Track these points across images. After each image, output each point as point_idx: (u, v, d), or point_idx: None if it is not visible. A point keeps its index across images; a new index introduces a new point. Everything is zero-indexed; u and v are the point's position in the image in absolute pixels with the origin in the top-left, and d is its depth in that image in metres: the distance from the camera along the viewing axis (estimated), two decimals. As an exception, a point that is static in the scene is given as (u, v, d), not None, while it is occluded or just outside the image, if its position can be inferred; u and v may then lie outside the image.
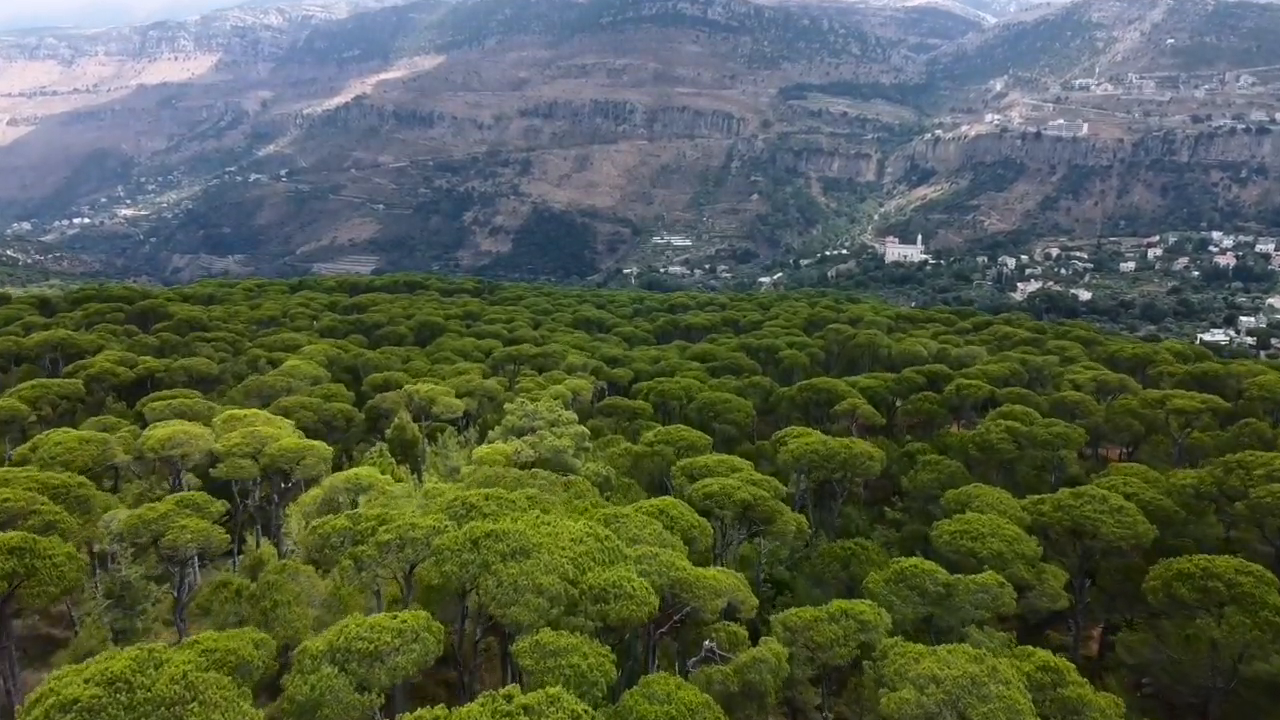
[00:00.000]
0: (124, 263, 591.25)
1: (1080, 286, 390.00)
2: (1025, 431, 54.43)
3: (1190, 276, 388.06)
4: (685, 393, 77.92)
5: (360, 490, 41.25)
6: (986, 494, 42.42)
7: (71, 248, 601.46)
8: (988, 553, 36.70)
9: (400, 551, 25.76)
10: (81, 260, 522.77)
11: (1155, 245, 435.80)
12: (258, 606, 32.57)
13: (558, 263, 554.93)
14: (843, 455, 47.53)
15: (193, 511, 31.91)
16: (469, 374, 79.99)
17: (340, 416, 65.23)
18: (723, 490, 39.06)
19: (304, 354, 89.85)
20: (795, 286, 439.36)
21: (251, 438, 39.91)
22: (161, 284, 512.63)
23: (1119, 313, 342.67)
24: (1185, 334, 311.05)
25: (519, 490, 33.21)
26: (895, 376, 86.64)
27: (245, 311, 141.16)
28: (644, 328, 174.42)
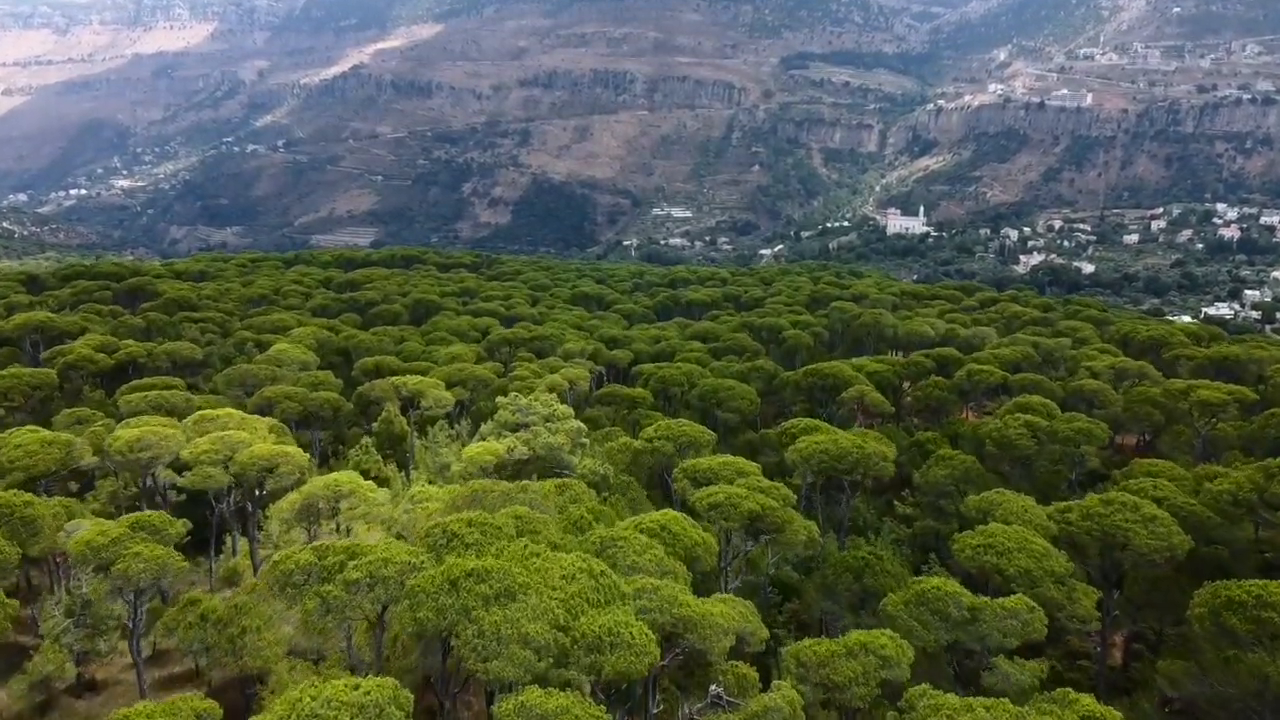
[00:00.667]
0: (121, 234, 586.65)
1: (1083, 259, 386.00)
2: (1045, 426, 51.56)
3: (1194, 249, 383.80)
4: (687, 379, 75.01)
5: (340, 497, 38.43)
6: (1010, 502, 39.58)
7: (68, 219, 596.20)
8: (1014, 570, 33.93)
9: (371, 591, 23.00)
10: (78, 232, 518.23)
11: (1159, 217, 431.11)
12: (224, 633, 29.82)
13: (557, 234, 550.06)
14: (855, 455, 44.68)
15: (149, 535, 29.04)
16: (463, 358, 77.09)
17: (327, 406, 62.33)
18: (729, 500, 36.24)
19: (293, 337, 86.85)
20: (796, 259, 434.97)
21: (221, 443, 37.04)
22: (159, 256, 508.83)
23: (1122, 286, 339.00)
24: (1189, 308, 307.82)
25: (507, 508, 30.36)
26: (903, 361, 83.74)
27: (237, 289, 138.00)
28: (644, 303, 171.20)
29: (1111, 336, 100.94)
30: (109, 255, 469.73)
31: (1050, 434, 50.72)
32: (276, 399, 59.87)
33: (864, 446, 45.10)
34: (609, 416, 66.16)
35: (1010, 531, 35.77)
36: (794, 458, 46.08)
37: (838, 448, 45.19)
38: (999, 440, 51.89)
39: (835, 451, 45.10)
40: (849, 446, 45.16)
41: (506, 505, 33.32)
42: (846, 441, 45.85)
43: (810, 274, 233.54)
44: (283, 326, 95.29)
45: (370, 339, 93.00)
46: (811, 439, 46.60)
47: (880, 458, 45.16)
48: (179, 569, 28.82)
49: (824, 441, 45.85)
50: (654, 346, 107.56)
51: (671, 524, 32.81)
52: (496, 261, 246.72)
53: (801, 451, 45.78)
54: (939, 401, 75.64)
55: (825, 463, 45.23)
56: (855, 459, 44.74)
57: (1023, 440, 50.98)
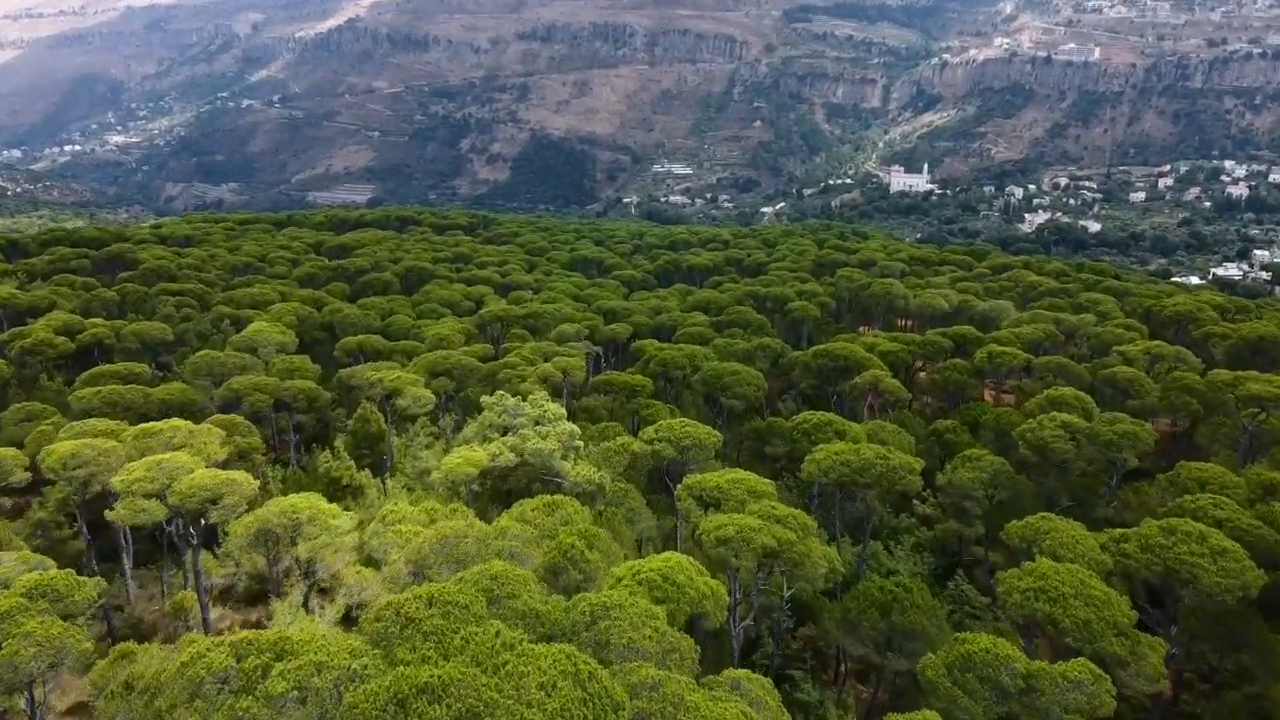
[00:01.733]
0: (116, 191, 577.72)
1: (1089, 218, 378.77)
2: (1085, 428, 46.58)
3: (1201, 208, 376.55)
4: (689, 361, 69.93)
5: (298, 525, 33.61)
6: (1059, 531, 34.73)
7: (62, 176, 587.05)
8: (1071, 622, 29.18)
9: (301, 708, 18.29)
10: (72, 189, 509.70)
11: (1166, 175, 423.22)
12: (151, 708, 24.98)
13: (557, 191, 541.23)
14: (878, 468, 39.77)
15: (50, 604, 24.27)
16: (450, 341, 71.99)
17: (301, 397, 57.37)
18: (741, 534, 31.40)
19: (272, 313, 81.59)
20: (798, 217, 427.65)
21: (159, 470, 32.13)
22: (154, 214, 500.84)
23: (1129, 245, 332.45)
24: (1197, 268, 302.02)
25: (479, 566, 25.47)
26: (919, 340, 78.53)
27: (223, 255, 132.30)
28: (644, 268, 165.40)
29: (1134, 309, 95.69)
30: (103, 212, 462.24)
31: (1091, 436, 45.81)
32: (244, 391, 54.87)
33: (888, 458, 40.15)
34: (606, 406, 61.18)
35: (1064, 572, 30.94)
36: (810, 470, 41.16)
37: (859, 459, 40.24)
38: (1034, 443, 46.95)
39: (857, 464, 40.15)
40: (872, 458, 40.22)
41: (482, 552, 28.53)
42: (869, 451, 40.88)
43: (814, 235, 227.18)
44: (263, 301, 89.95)
45: (356, 314, 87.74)
46: (830, 449, 41.61)
47: (906, 470, 40.24)
48: (81, 651, 24.05)
49: (843, 453, 40.87)
50: (654, 319, 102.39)
51: (675, 572, 27.97)
52: (493, 223, 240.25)
53: (820, 464, 40.84)
54: (958, 385, 70.63)
55: (845, 476, 40.32)
56: (879, 472, 39.84)
57: (1060, 444, 46.04)
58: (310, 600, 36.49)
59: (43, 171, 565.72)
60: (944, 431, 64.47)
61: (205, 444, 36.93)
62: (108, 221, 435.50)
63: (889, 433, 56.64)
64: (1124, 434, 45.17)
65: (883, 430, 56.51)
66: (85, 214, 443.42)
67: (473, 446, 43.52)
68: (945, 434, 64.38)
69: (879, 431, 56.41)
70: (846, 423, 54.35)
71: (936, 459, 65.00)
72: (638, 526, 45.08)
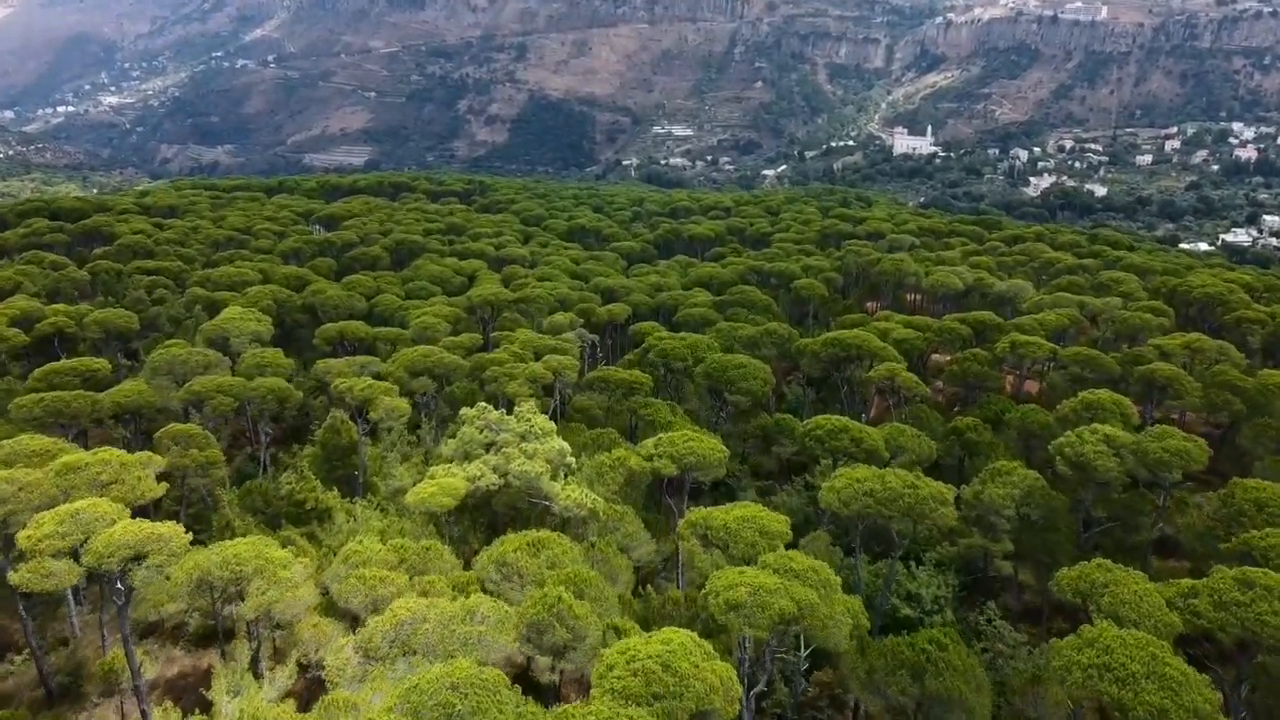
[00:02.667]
0: (110, 153, 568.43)
1: (1095, 181, 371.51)
2: (1130, 444, 41.71)
3: (1209, 171, 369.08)
4: (691, 352, 64.94)
5: (242, 578, 28.92)
6: (1121, 584, 29.95)
7: (56, 137, 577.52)
8: (1145, 711, 24.52)
9: None
10: (65, 152, 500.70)
11: (1173, 137, 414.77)
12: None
13: (556, 153, 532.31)
14: (906, 499, 34.99)
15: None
16: (435, 329, 66.99)
17: (270, 397, 52.48)
18: (755, 599, 26.71)
19: (249, 296, 76.41)
20: (800, 180, 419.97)
21: (73, 522, 27.25)
22: (149, 176, 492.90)
23: (1135, 210, 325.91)
24: (1205, 233, 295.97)
25: (439, 673, 20.66)
26: (935, 326, 73.44)
27: (207, 227, 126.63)
28: (644, 238, 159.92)
29: (1158, 289, 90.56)
30: (96, 175, 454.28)
31: (1138, 452, 40.99)
32: (206, 394, 50.00)
33: (917, 488, 35.35)
34: (601, 406, 56.34)
35: (1132, 645, 26.25)
36: (829, 499, 36.35)
37: (885, 489, 35.42)
38: (1074, 460, 42.09)
39: (882, 494, 35.33)
40: (899, 488, 35.40)
41: (444, 640, 23.84)
42: (895, 479, 36.03)
43: (818, 202, 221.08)
44: (241, 282, 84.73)
45: (339, 295, 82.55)
46: (851, 476, 36.75)
47: (937, 501, 35.46)
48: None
49: (866, 481, 36.03)
50: (654, 298, 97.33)
51: (677, 658, 23.27)
52: (490, 189, 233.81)
53: (840, 493, 36.02)
54: (978, 377, 65.72)
55: (869, 508, 35.53)
56: (907, 504, 35.07)
57: (1103, 460, 41.22)
58: (261, 656, 31.90)
59: (35, 134, 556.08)
60: (965, 430, 59.63)
61: (137, 481, 32.07)
62: (101, 184, 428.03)
63: (908, 437, 51.89)
64: (1175, 451, 40.35)
65: (901, 435, 51.73)
66: (78, 177, 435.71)
67: (451, 469, 38.71)
68: (966, 433, 59.58)
69: (897, 436, 51.66)
70: (862, 428, 49.50)
71: (952, 452, 60.63)
72: (636, 552, 40.50)
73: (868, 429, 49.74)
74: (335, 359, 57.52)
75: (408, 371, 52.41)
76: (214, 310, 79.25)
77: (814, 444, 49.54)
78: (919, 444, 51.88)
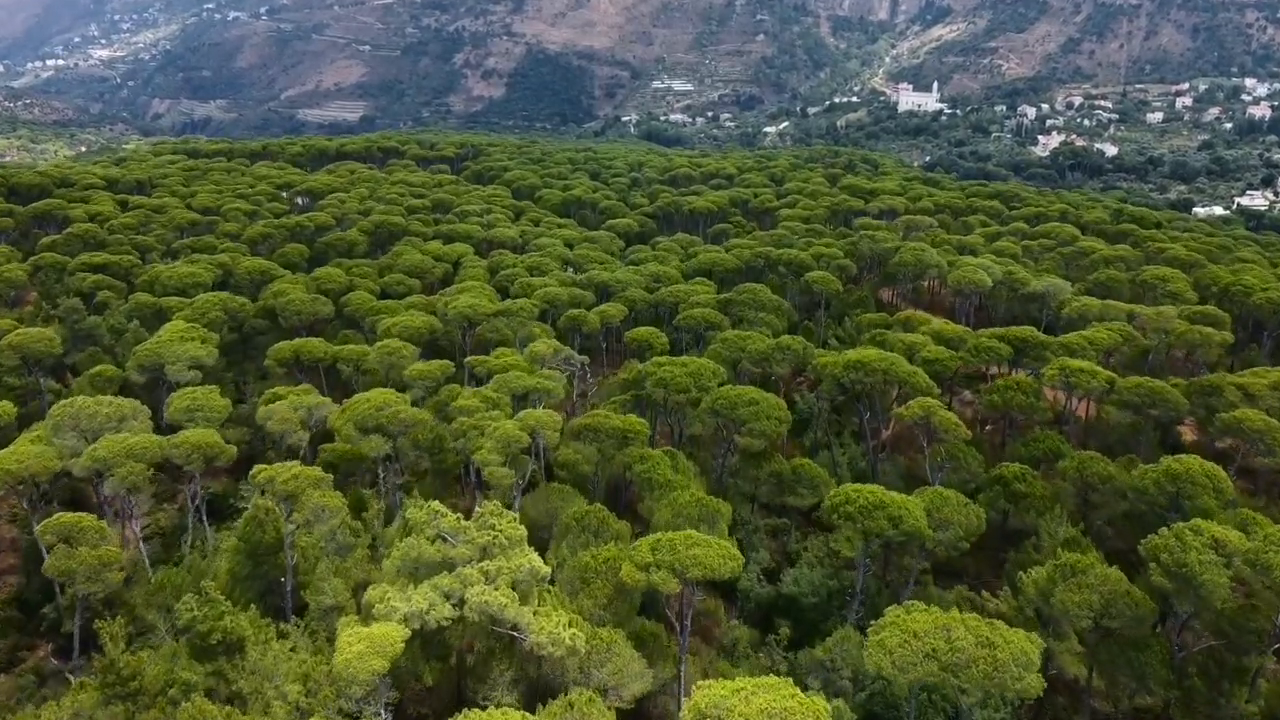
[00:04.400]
0: (101, 108, 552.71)
1: (1105, 140, 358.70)
2: (1246, 553, 32.76)
3: (1222, 129, 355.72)
4: (694, 382, 55.80)
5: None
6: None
7: (46, 91, 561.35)
8: None
9: None
10: (54, 107, 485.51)
11: (1184, 93, 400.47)
12: None
13: (554, 109, 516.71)
14: (982, 666, 26.20)
15: None
16: (400, 353, 57.84)
17: (196, 455, 43.51)
18: None
19: (197, 305, 67.02)
20: (803, 138, 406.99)
21: None
22: (140, 133, 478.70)
23: (1147, 171, 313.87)
24: (1219, 196, 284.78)
25: None
26: (971, 343, 64.19)
27: (173, 205, 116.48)
28: (643, 209, 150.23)
29: (1207, 286, 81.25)
30: (85, 132, 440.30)
31: (1256, 565, 32.11)
32: (114, 460, 41.09)
33: (995, 647, 26.58)
34: (589, 461, 47.38)
35: None
36: (880, 662, 27.50)
37: (952, 649, 26.58)
38: (1174, 569, 33.15)
39: (947, 657, 26.43)
40: (972, 647, 26.60)
41: None
42: (966, 637, 27.13)
43: (824, 169, 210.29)
44: (192, 283, 75.26)
45: (302, 299, 73.17)
46: (905, 627, 27.87)
47: (1021, 665, 26.65)
48: None
49: (927, 636, 27.19)
50: (653, 294, 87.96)
51: None
52: (482, 152, 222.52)
53: (893, 655, 27.20)
54: (1023, 409, 56.71)
55: (932, 675, 26.77)
56: (983, 671, 26.26)
57: (1212, 575, 32.28)
58: None
59: (23, 89, 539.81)
60: (1011, 480, 50.95)
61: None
62: (89, 143, 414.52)
63: (953, 507, 43.21)
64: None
65: (945, 505, 43.04)
66: (65, 134, 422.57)
67: (390, 597, 29.82)
68: (1013, 483, 50.90)
69: (940, 506, 42.96)
70: (901, 503, 40.67)
71: (995, 505, 51.91)
72: (627, 690, 31.95)
73: (907, 503, 40.91)
74: (278, 403, 48.42)
75: (357, 427, 43.45)
76: (160, 319, 70.11)
77: (844, 521, 40.84)
78: (966, 515, 43.20)
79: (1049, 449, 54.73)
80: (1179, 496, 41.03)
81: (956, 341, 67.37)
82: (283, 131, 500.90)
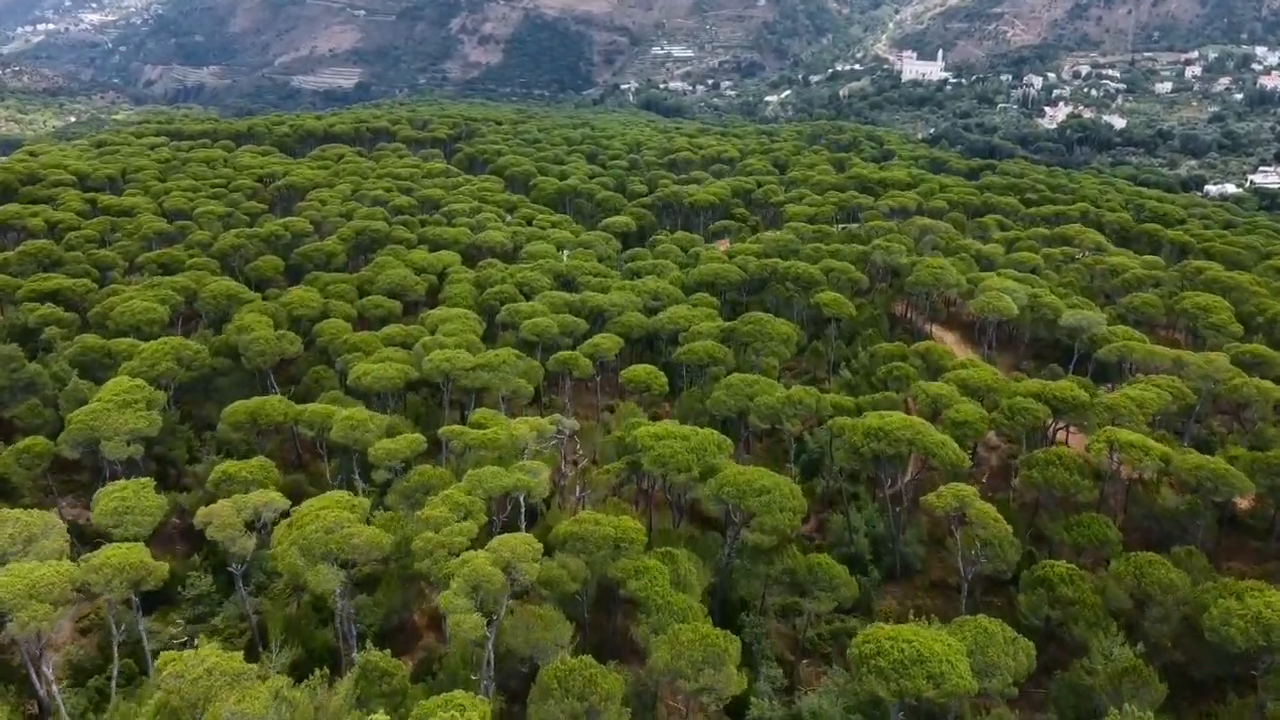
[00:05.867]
0: (93, 74, 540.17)
1: (1112, 111, 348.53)
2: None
3: (1232, 100, 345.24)
4: (697, 459, 49.00)
5: None
6: None
7: (36, 57, 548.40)
8: None
9: None
10: (43, 75, 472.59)
11: (1193, 62, 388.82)
12: None
13: (552, 76, 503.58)
14: None
15: None
16: (364, 426, 51.01)
17: (117, 580, 36.81)
18: None
19: (147, 356, 59.86)
20: (805, 108, 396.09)
21: None
22: (132, 100, 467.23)
23: (1156, 145, 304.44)
24: (1232, 173, 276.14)
25: None
26: (1006, 400, 57.09)
27: (143, 207, 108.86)
28: (642, 198, 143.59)
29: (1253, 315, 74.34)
30: (75, 101, 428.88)
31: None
32: (14, 600, 34.34)
33: None
34: (577, 577, 40.64)
35: None
36: None
37: None
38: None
39: None
40: None
41: None
42: None
43: (830, 151, 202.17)
44: (147, 319, 68.20)
45: (265, 338, 66.08)
46: None
47: None
48: None
49: None
50: (650, 319, 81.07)
51: None
52: (475, 133, 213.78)
53: None
54: (1065, 488, 49.95)
55: None
56: None
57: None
58: None
59: (12, 55, 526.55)
60: (1056, 582, 44.47)
61: None
62: (79, 112, 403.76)
63: (998, 646, 36.77)
64: None
65: (989, 644, 36.60)
66: (55, 104, 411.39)
67: None
68: (1058, 585, 44.42)
69: (985, 645, 36.51)
70: (944, 652, 34.10)
71: (1036, 605, 45.48)
72: None
73: (950, 653, 34.32)
74: (218, 505, 41.57)
75: (302, 554, 36.73)
76: (109, 363, 63.22)
77: (874, 677, 34.20)
78: (1014, 655, 36.70)
79: (1096, 536, 48.16)
80: (1271, 651, 34.46)
81: (985, 392, 60.52)
82: (277, 99, 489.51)
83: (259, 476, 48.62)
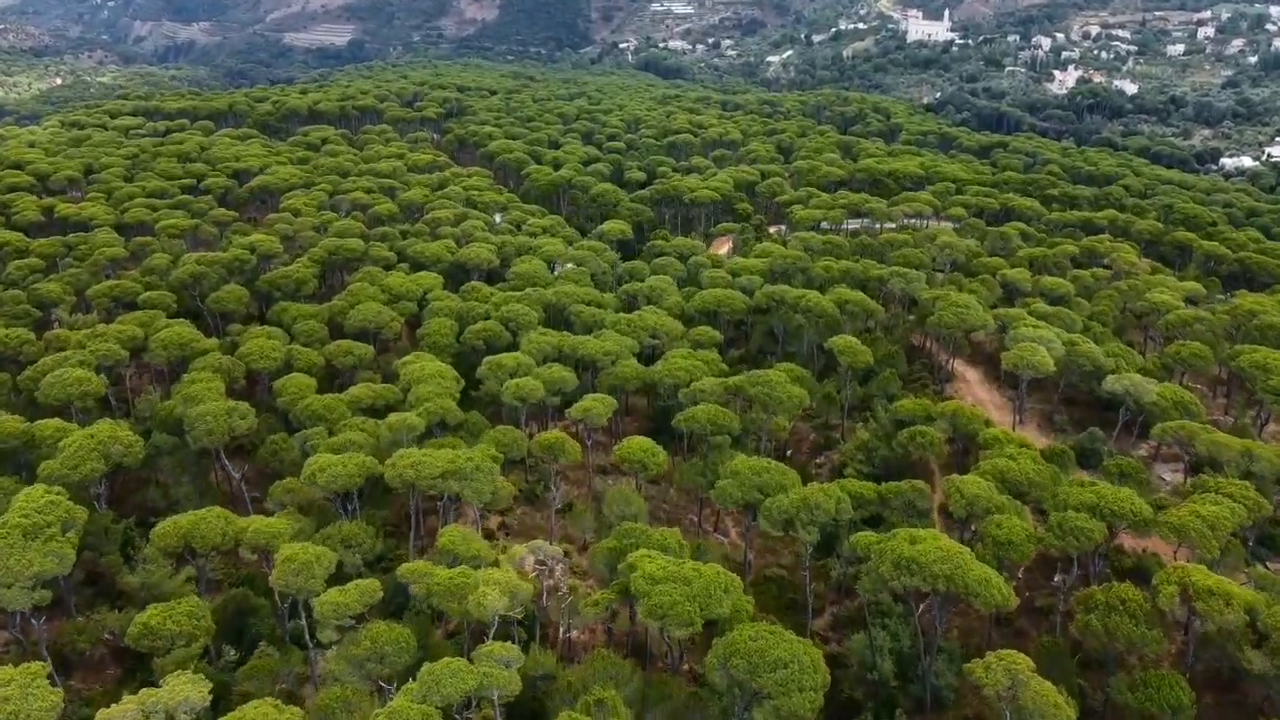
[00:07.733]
0: (81, 30, 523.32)
1: (1123, 75, 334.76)
2: None
3: (1246, 63, 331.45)
4: (700, 608, 41.21)
5: None
6: None
7: (23, 13, 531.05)
8: None
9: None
10: (29, 33, 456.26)
11: (1206, 23, 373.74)
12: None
13: (549, 33, 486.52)
14: None
15: None
16: (311, 569, 43.05)
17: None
18: None
19: (69, 457, 51.36)
20: (808, 70, 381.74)
21: None
22: (121, 58, 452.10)
23: (1169, 112, 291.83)
24: (1248, 143, 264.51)
25: None
26: (1057, 520, 48.72)
27: (101, 218, 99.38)
28: (641, 197, 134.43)
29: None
30: (62, 63, 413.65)
31: None
32: None
33: None
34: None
35: None
36: None
37: None
38: None
39: None
40: None
41: None
42: None
43: (836, 130, 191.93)
44: (79, 392, 59.79)
45: (213, 415, 57.64)
46: None
47: None
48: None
49: None
50: (647, 370, 72.56)
51: None
52: (466, 110, 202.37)
53: None
54: (1129, 640, 42.08)
55: None
56: None
57: None
58: None
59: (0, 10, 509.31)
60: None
61: None
62: (64, 73, 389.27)
63: None
64: None
65: None
66: (40, 65, 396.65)
67: None
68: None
69: None
70: None
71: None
72: None
73: None
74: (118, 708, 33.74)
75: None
76: (23, 461, 54.95)
77: None
78: None
79: (1168, 701, 40.49)
80: None
81: (1028, 487, 52.57)
82: (268, 56, 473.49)
83: (187, 629, 40.92)
